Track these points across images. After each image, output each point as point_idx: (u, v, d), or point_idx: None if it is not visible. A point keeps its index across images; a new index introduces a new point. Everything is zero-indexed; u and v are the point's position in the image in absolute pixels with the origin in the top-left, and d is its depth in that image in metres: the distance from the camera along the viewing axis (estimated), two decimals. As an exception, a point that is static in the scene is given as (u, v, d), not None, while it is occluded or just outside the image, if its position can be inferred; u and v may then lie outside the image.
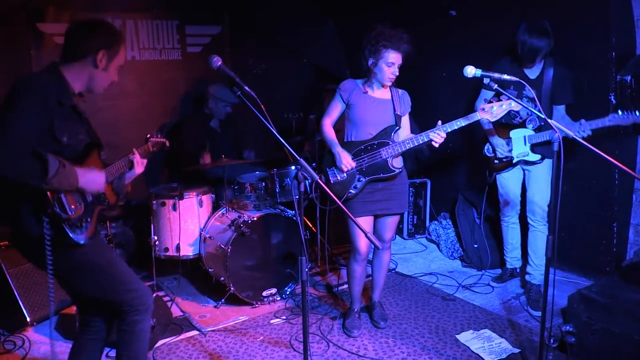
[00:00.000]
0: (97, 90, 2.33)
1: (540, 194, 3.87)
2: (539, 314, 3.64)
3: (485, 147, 3.99)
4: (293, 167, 4.28)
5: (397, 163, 3.40)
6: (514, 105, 3.10)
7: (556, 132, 2.51)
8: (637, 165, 4.03)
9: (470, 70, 2.67)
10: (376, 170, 3.33)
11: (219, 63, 2.28)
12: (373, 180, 3.35)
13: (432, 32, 5.01)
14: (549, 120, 2.52)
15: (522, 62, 3.70)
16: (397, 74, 3.25)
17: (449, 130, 3.15)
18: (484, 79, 2.67)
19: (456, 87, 4.90)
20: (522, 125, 3.83)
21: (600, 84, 3.85)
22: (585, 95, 3.95)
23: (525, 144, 3.81)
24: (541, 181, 3.88)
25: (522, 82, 2.74)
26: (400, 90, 3.43)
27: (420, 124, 5.28)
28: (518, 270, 4.35)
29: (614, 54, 3.73)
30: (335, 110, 3.44)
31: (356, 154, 3.36)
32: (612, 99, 3.81)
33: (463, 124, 3.14)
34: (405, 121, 3.45)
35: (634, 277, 3.27)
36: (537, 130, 3.80)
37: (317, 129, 4.03)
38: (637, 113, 3.39)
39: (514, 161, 3.88)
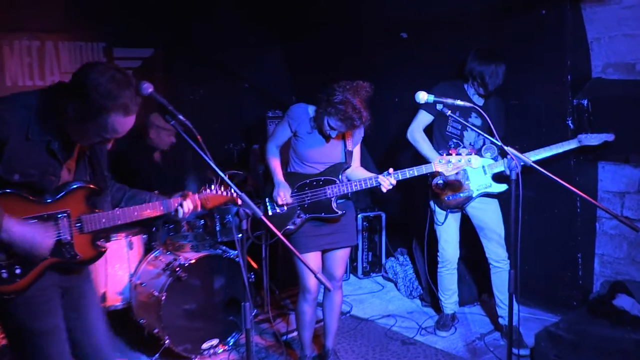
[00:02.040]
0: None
1: (499, 230, 3.99)
2: (527, 351, 3.70)
3: (437, 181, 3.97)
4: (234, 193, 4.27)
5: (343, 202, 3.47)
6: (473, 163, 3.15)
7: (513, 159, 2.62)
8: (599, 192, 4.24)
9: (423, 96, 2.77)
10: (318, 209, 3.37)
11: (150, 90, 2.26)
12: (314, 219, 3.40)
13: (383, 55, 5.15)
14: (505, 148, 2.63)
15: (478, 89, 3.88)
16: (334, 137, 3.33)
17: (400, 179, 3.22)
18: (437, 104, 2.77)
19: (410, 113, 5.01)
20: (478, 154, 3.93)
21: (557, 108, 4.04)
22: (543, 121, 4.14)
23: (485, 173, 3.92)
24: (496, 216, 4.00)
25: (477, 107, 2.86)
26: None
27: (371, 151, 5.39)
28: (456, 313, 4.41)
29: (570, 77, 3.94)
30: (282, 135, 3.48)
31: (300, 188, 3.40)
32: (570, 124, 4.01)
33: (416, 174, 3.21)
34: (356, 153, 3.52)
35: (602, 311, 3.41)
36: (495, 158, 3.91)
37: (261, 160, 4.05)
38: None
39: (474, 195, 3.92)
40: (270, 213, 3.40)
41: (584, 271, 4.23)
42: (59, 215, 2.27)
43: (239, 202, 2.34)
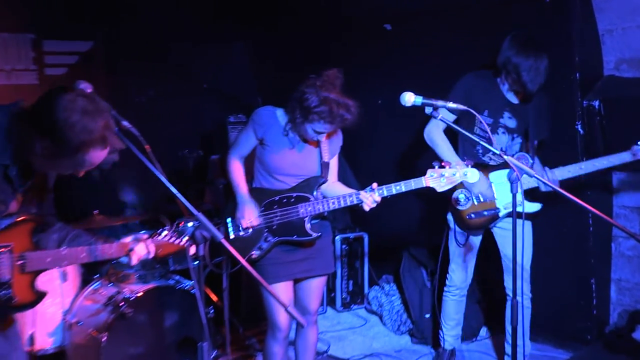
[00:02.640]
0: None
1: (526, 257, 3.91)
2: None
3: (458, 195, 3.84)
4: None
5: (318, 223, 3.46)
6: (470, 177, 3.15)
7: (514, 170, 2.66)
8: (614, 207, 4.32)
9: (409, 98, 2.78)
10: (289, 231, 3.36)
11: (88, 90, 2.25)
12: (283, 243, 3.38)
13: (364, 50, 5.19)
14: (505, 157, 2.66)
15: (513, 86, 3.78)
16: (323, 139, 3.34)
17: (386, 195, 3.23)
18: (426, 107, 2.80)
19: (396, 117, 5.05)
20: (505, 165, 3.85)
21: (565, 111, 4.11)
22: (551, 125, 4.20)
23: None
24: (525, 243, 3.87)
25: (473, 112, 2.89)
26: None
27: (351, 162, 5.41)
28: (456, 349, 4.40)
29: (578, 75, 4.01)
30: (246, 144, 3.46)
31: (267, 207, 3.37)
32: (580, 128, 4.08)
33: (403, 190, 3.22)
34: (333, 165, 3.52)
35: (620, 346, 3.45)
36: None
37: (222, 172, 4.04)
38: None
39: (501, 215, 3.83)
40: (232, 236, 3.38)
41: (598, 299, 4.27)
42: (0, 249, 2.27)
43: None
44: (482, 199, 3.80)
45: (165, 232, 2.71)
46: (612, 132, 3.94)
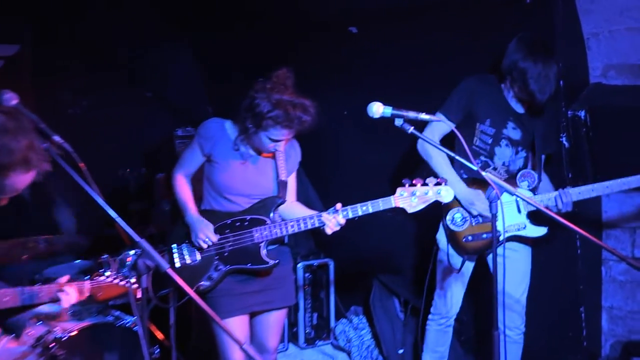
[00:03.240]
0: None
1: (521, 288, 3.96)
2: None
3: (454, 214, 3.88)
4: (131, 252, 4.19)
5: (276, 248, 3.47)
6: (444, 196, 3.18)
7: (494, 188, 2.70)
8: (604, 227, 4.39)
9: (377, 108, 2.81)
10: (243, 258, 3.36)
11: (14, 101, 2.24)
12: (237, 272, 3.38)
13: (327, 56, 5.22)
14: (483, 173, 2.71)
15: (520, 93, 3.81)
16: (281, 148, 3.35)
17: (351, 217, 3.25)
18: (396, 119, 2.82)
19: (365, 130, 5.07)
20: (511, 182, 3.83)
21: (549, 121, 4.11)
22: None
23: (519, 211, 3.85)
24: (522, 271, 3.97)
25: (448, 122, 2.94)
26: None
27: (314, 180, 5.42)
28: None
29: (562, 83, 4.06)
30: (192, 161, 3.48)
31: (218, 231, 3.38)
32: (565, 141, 4.16)
33: (370, 211, 3.25)
34: (292, 184, 3.55)
35: (613, 381, 3.50)
36: (534, 189, 3.85)
37: (168, 192, 4.01)
38: None
39: (501, 238, 3.76)
40: (178, 264, 3.36)
41: (589, 329, 4.33)
42: None
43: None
44: (481, 220, 3.84)
45: (108, 273, 2.70)
46: (600, 144, 4.02)
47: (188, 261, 3.36)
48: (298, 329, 5.44)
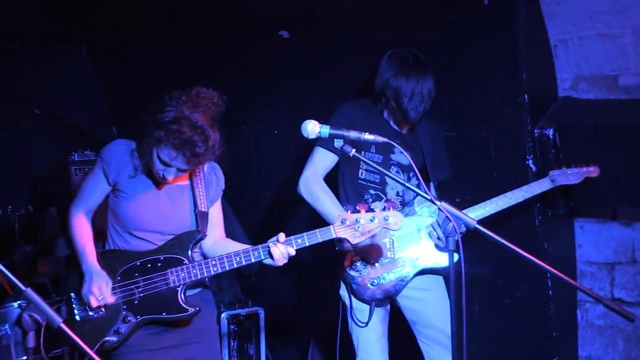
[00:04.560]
0: None
1: (447, 326, 4.00)
2: None
3: (348, 261, 3.92)
4: (15, 304, 4.12)
5: (196, 295, 3.45)
6: (392, 222, 3.19)
7: (450, 220, 2.76)
8: (578, 264, 4.50)
9: (313, 127, 2.83)
10: (156, 307, 3.32)
11: None
12: (150, 323, 3.35)
13: (253, 66, 5.24)
14: (437, 203, 2.76)
15: (394, 115, 3.96)
16: (169, 179, 3.27)
17: (295, 249, 3.21)
18: (335, 140, 2.87)
19: (300, 152, 5.09)
20: (410, 211, 3.96)
21: (512, 142, 4.28)
22: (493, 161, 4.37)
23: (419, 238, 3.94)
24: (441, 305, 3.97)
25: (392, 142, 2.99)
26: (207, 164, 3.48)
27: (239, 211, 5.42)
28: None
29: (527, 97, 4.18)
30: (94, 192, 3.43)
31: (126, 275, 3.33)
32: (531, 164, 4.26)
33: (307, 244, 3.22)
34: (216, 215, 3.55)
35: None
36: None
37: (62, 232, 3.97)
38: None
39: (411, 274, 3.91)
40: (77, 318, 3.32)
41: (564, 384, 4.42)
42: None
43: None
44: (383, 261, 3.90)
45: None
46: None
47: (91, 313, 3.31)
48: (222, 391, 5.41)
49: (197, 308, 3.34)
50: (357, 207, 3.20)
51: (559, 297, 4.39)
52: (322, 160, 3.97)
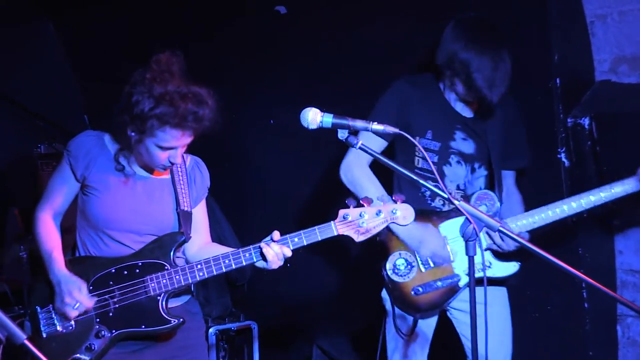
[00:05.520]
0: None
1: (504, 349, 3.97)
2: None
3: (395, 260, 3.89)
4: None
5: (180, 307, 3.43)
6: (401, 217, 3.15)
7: (470, 222, 2.74)
8: (618, 272, 4.47)
9: (314, 116, 2.80)
10: (134, 319, 3.30)
11: None
12: (127, 338, 3.33)
13: (246, 45, 5.24)
14: (456, 203, 2.75)
15: (463, 93, 3.85)
16: (179, 160, 3.28)
17: (292, 249, 3.18)
18: (339, 131, 2.85)
19: (298, 145, 5.14)
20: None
21: (541, 132, 4.26)
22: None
23: (479, 246, 3.85)
24: (499, 320, 3.94)
25: (406, 135, 2.98)
26: (189, 159, 3.50)
27: (229, 211, 5.41)
28: None
29: (559, 81, 4.17)
30: (62, 189, 3.42)
31: (99, 284, 3.31)
32: (564, 158, 4.25)
33: (305, 243, 3.19)
34: (200, 216, 3.53)
35: None
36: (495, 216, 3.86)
37: (26, 233, 3.97)
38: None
39: (462, 284, 3.86)
40: (44, 334, 3.31)
41: (601, 411, 4.39)
42: None
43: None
44: (432, 264, 3.84)
45: None
46: (610, 161, 4.07)
47: (59, 328, 3.30)
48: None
49: (181, 319, 3.31)
50: (361, 201, 3.17)
51: (596, 311, 4.37)
52: (368, 144, 3.85)
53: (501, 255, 3.86)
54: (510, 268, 3.87)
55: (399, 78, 3.98)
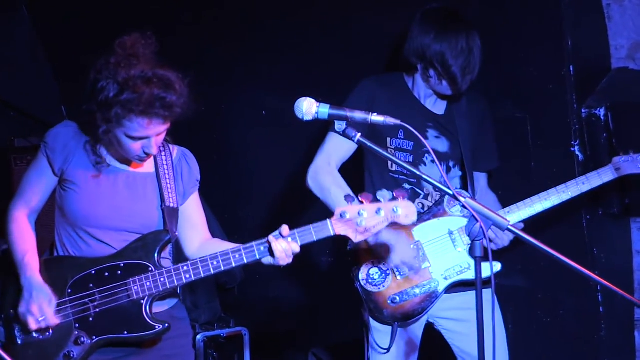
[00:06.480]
0: None
1: (501, 352, 3.94)
2: None
3: (363, 273, 3.91)
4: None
5: (165, 312, 3.43)
6: (403, 214, 3.12)
7: (477, 220, 2.75)
8: (636, 273, 4.51)
9: (309, 107, 2.81)
10: (116, 324, 3.29)
11: None
12: (109, 344, 3.33)
13: (233, 28, 5.24)
14: (462, 200, 2.76)
15: (437, 86, 3.91)
16: (154, 151, 3.27)
17: (300, 244, 3.18)
18: (336, 122, 2.85)
19: (291, 137, 5.15)
20: (438, 214, 3.92)
21: (553, 125, 4.29)
22: (529, 149, 4.38)
23: (454, 244, 3.92)
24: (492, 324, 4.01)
25: (410, 129, 2.98)
26: (176, 151, 3.50)
27: (217, 207, 5.41)
28: None
29: (572, 68, 4.17)
30: (38, 185, 3.42)
31: (78, 286, 3.31)
32: (577, 151, 4.25)
33: (314, 239, 3.18)
34: (194, 210, 3.55)
35: None
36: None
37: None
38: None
39: (440, 289, 3.88)
40: (19, 341, 3.30)
41: None
42: None
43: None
44: (406, 271, 3.86)
45: None
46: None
47: (35, 334, 3.31)
48: None
49: (167, 325, 3.29)
50: (360, 198, 3.13)
51: (612, 316, 4.38)
52: (337, 148, 3.95)
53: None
54: (493, 267, 3.89)
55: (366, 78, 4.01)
